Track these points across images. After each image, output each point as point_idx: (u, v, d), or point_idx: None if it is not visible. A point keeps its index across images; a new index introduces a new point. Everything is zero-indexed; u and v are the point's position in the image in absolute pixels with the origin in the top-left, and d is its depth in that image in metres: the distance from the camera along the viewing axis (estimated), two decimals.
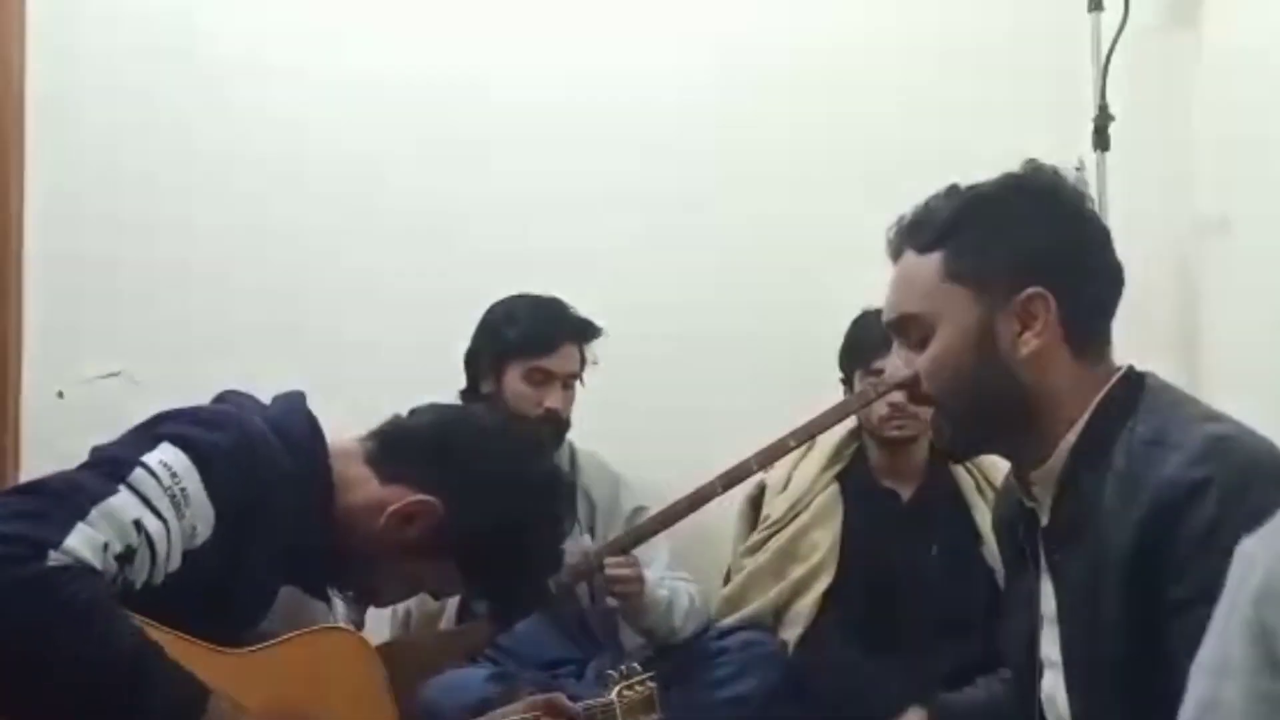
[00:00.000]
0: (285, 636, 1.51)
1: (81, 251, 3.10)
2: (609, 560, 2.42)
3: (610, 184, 3.05)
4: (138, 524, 1.32)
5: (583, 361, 2.65)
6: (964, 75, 2.98)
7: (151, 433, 1.43)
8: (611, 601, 2.48)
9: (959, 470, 2.63)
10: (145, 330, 3.01)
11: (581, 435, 2.75)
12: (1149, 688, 1.30)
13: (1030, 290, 1.40)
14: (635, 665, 2.20)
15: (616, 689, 2.06)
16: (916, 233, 1.46)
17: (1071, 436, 1.41)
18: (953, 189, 1.48)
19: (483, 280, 2.74)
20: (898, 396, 2.48)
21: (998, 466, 2.53)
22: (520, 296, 2.65)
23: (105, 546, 1.29)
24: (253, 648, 1.47)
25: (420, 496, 1.54)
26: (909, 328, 1.46)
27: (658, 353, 2.98)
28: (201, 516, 1.38)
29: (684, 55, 3.07)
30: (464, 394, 2.67)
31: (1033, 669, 1.52)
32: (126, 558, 1.31)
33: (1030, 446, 1.45)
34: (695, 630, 2.55)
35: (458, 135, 3.07)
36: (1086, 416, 1.41)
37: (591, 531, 2.67)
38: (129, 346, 2.97)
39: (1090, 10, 2.74)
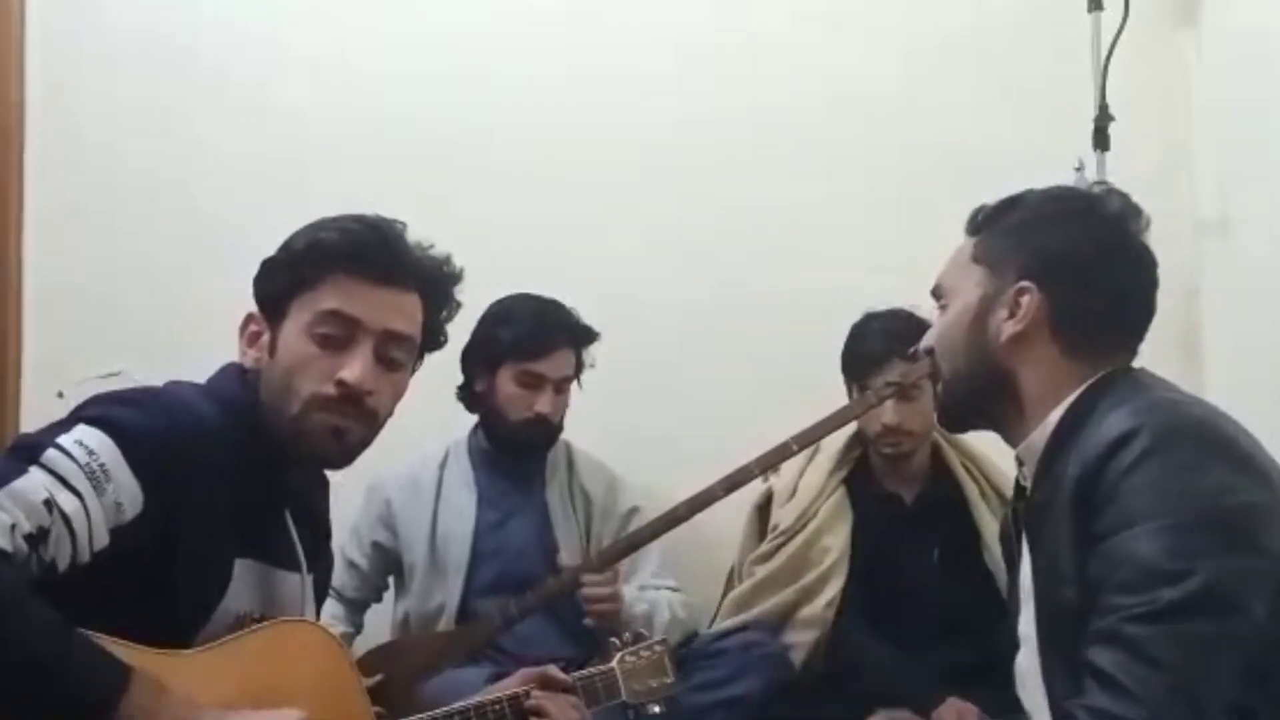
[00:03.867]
0: (243, 631, 1.48)
1: (81, 251, 3.10)
2: (587, 578, 2.40)
3: (611, 186, 3.05)
4: (49, 503, 1.31)
5: (579, 365, 2.63)
6: (964, 75, 2.98)
7: (71, 418, 1.43)
8: (588, 621, 2.44)
9: (962, 474, 2.64)
10: (145, 330, 3.01)
11: (582, 436, 2.75)
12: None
13: (1023, 283, 1.50)
14: (643, 631, 2.12)
15: (619, 655, 1.98)
16: (971, 219, 1.61)
17: (1054, 417, 1.49)
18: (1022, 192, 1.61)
19: (483, 282, 2.72)
20: (891, 417, 2.50)
21: (1001, 472, 2.54)
22: (518, 297, 2.62)
23: (13, 527, 1.28)
24: (208, 646, 1.44)
25: None
26: (939, 296, 1.61)
27: (659, 354, 2.98)
28: (126, 492, 1.37)
29: (683, 58, 3.07)
30: (459, 391, 2.67)
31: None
32: (39, 538, 1.30)
33: (1014, 425, 1.55)
34: (679, 641, 2.49)
35: (460, 136, 3.07)
36: (1070, 400, 1.49)
37: (588, 530, 2.67)
38: (129, 346, 2.97)
39: (1090, 10, 2.73)
